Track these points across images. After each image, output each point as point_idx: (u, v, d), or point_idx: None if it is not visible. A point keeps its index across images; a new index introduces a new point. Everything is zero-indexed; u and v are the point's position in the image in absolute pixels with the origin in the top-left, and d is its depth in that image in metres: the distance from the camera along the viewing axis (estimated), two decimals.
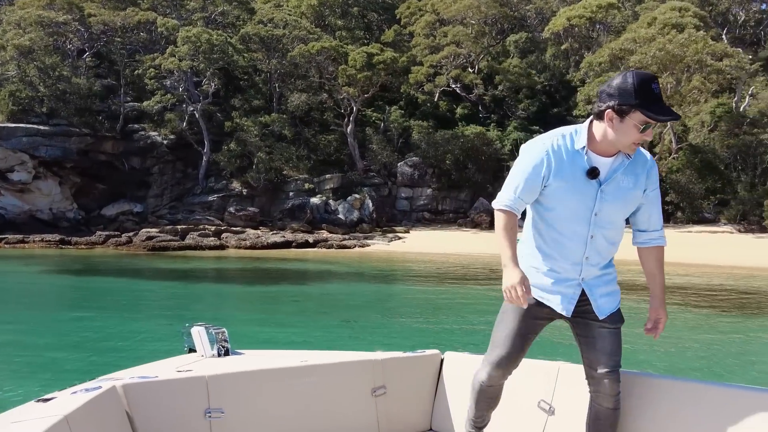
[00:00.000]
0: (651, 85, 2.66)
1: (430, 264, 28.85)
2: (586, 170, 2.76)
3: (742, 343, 12.06)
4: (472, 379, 3.07)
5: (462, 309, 16.26)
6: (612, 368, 2.73)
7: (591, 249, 2.83)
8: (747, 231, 36.05)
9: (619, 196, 2.79)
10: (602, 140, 2.76)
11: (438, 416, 3.59)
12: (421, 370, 3.64)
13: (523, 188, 2.84)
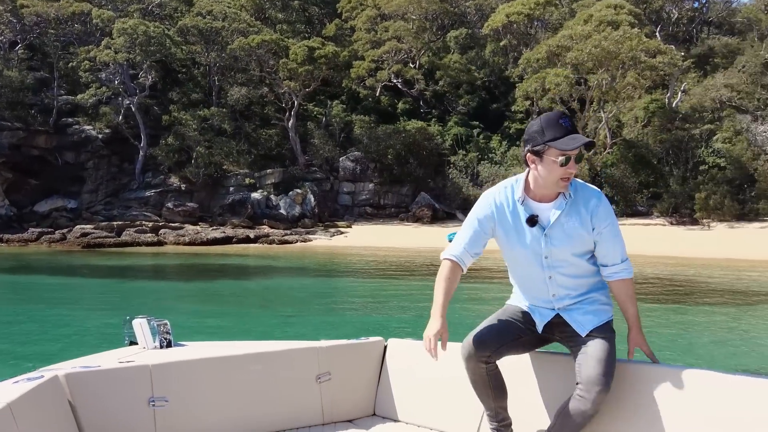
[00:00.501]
0: (559, 120, 2.79)
1: (372, 258, 28.93)
2: (526, 219, 2.87)
3: (678, 327, 12.48)
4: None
5: (404, 300, 16.37)
6: (598, 376, 2.69)
7: (554, 287, 2.93)
8: (678, 223, 37.24)
9: (565, 238, 2.86)
10: (535, 185, 2.88)
11: (381, 401, 3.63)
12: (364, 356, 3.67)
13: (470, 240, 2.98)
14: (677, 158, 40.37)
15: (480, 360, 2.89)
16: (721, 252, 28.76)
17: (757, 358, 10.09)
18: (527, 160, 2.89)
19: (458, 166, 44.68)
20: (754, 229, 34.70)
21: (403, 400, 3.56)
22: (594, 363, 2.72)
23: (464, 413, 3.29)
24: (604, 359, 2.74)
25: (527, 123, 46.61)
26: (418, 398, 3.50)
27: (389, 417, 3.58)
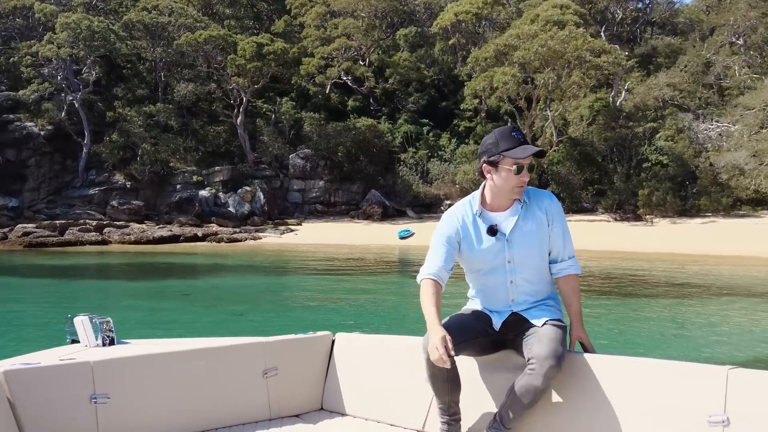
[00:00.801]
0: (511, 133, 3.02)
1: (322, 255, 28.86)
2: (487, 229, 3.05)
3: (623, 318, 12.78)
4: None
5: (355, 296, 16.39)
6: (549, 353, 2.79)
7: (514, 293, 3.09)
8: (622, 219, 38.09)
9: (525, 242, 3.05)
10: (492, 196, 3.09)
11: (329, 396, 3.64)
12: (312, 351, 3.67)
13: (443, 259, 3.07)
14: (621, 156, 41.26)
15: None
16: (663, 247, 29.52)
17: (695, 345, 10.40)
18: (483, 171, 3.08)
19: (408, 163, 44.86)
20: (696, 225, 35.69)
21: (350, 394, 3.56)
22: (546, 341, 2.86)
23: (411, 407, 3.31)
24: (557, 340, 2.88)
25: (476, 121, 47.22)
26: (365, 392, 3.51)
27: (337, 411, 3.58)
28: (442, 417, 3.07)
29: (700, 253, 28.21)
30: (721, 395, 2.50)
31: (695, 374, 2.60)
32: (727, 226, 34.52)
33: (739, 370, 2.53)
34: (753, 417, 2.41)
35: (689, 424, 2.53)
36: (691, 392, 2.57)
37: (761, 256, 26.89)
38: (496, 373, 3.11)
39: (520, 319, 3.07)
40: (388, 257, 28.73)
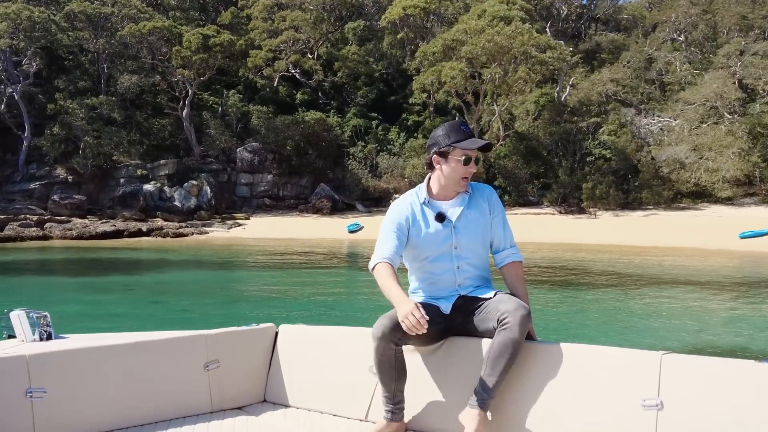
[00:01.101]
0: (460, 126, 3.18)
1: (271, 249, 28.66)
2: (435, 216, 3.17)
3: (568, 308, 13.02)
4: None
5: (302, 290, 16.34)
6: (518, 305, 2.92)
7: (461, 277, 3.20)
8: (567, 212, 38.78)
9: (470, 229, 3.19)
10: (439, 187, 3.22)
11: (272, 387, 3.62)
12: (255, 343, 3.64)
13: (393, 243, 3.15)
14: (566, 150, 41.96)
15: (391, 341, 2.98)
16: (606, 239, 30.18)
17: (634, 333, 10.66)
18: (433, 162, 3.21)
19: (357, 157, 44.83)
20: (638, 218, 36.56)
21: (294, 386, 3.55)
22: (508, 299, 3.02)
23: (354, 397, 3.32)
24: (518, 300, 3.02)
25: (424, 115, 47.40)
26: (309, 383, 3.51)
27: (280, 403, 3.57)
28: (387, 405, 3.10)
29: (641, 244, 28.93)
30: (654, 379, 2.57)
31: (630, 359, 2.67)
32: (668, 218, 35.46)
33: (672, 355, 2.60)
34: (685, 400, 2.49)
35: (625, 408, 2.60)
36: (627, 377, 2.64)
37: (701, 248, 27.71)
38: (441, 361, 3.14)
39: (468, 300, 3.16)
40: (337, 251, 28.71)
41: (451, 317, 3.15)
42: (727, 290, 16.29)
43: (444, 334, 3.18)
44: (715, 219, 34.29)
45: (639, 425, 2.56)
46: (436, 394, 3.11)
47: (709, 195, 37.77)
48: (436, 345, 3.18)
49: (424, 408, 3.12)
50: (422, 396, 3.13)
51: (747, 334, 10.77)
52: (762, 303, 14.20)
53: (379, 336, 2.96)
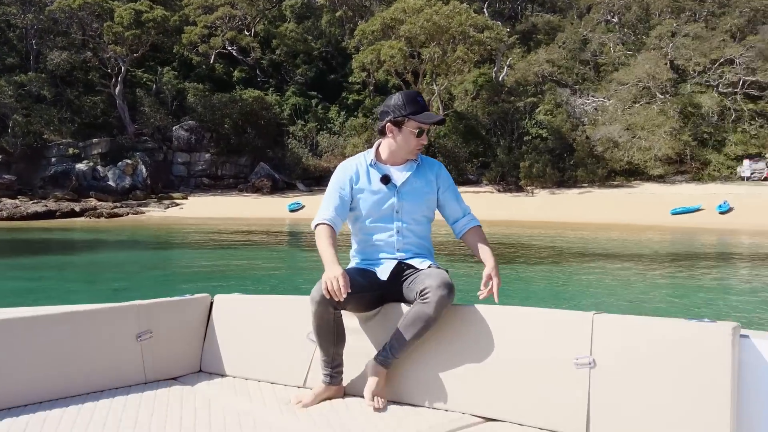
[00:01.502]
0: (416, 98, 3.19)
1: (210, 229, 28.26)
2: (380, 178, 3.20)
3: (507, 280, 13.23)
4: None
5: (243, 269, 16.16)
6: (441, 282, 2.91)
7: (400, 242, 3.21)
8: (505, 191, 39.36)
9: (414, 195, 3.22)
10: (389, 153, 3.24)
11: (208, 357, 3.56)
12: (189, 313, 3.57)
13: (337, 206, 3.20)
14: (504, 129, 42.50)
15: (330, 305, 2.97)
16: (543, 216, 30.76)
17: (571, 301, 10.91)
18: (386, 130, 3.21)
19: (297, 136, 44.46)
20: (573, 195, 37.36)
21: (230, 355, 3.51)
22: (436, 275, 2.99)
23: (292, 364, 3.30)
24: (445, 275, 3.01)
25: (364, 94, 47.24)
26: (245, 353, 3.47)
27: (216, 372, 3.52)
28: (325, 369, 3.10)
29: (577, 221, 29.59)
30: (587, 339, 2.62)
31: (564, 320, 2.71)
32: (602, 196, 36.34)
33: (603, 315, 2.65)
34: (616, 357, 2.54)
35: (559, 367, 2.65)
36: (560, 337, 2.68)
37: (634, 224, 28.50)
38: (379, 327, 3.14)
39: (405, 267, 3.18)
40: (279, 230, 28.49)
41: (388, 284, 3.14)
42: (659, 262, 16.80)
43: (381, 301, 3.18)
44: (647, 196, 35.31)
45: (572, 383, 2.61)
46: None
47: (642, 173, 38.85)
48: (374, 311, 3.17)
49: (362, 373, 3.12)
50: (360, 361, 3.13)
51: (678, 300, 11.14)
52: (693, 271, 14.70)
53: (317, 300, 2.95)
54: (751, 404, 2.35)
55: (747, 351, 2.38)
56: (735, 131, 39.63)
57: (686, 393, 2.38)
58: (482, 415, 2.82)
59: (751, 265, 16.62)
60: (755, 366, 2.36)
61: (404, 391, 3.02)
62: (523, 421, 2.73)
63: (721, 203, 31.39)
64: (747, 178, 37.59)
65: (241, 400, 3.10)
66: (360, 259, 3.30)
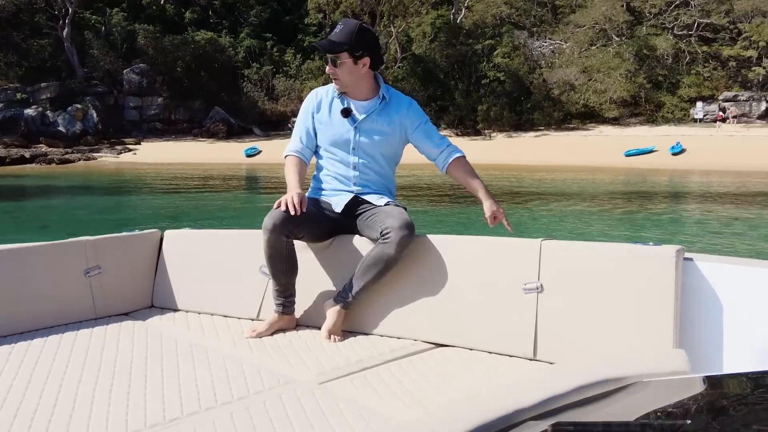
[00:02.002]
0: (336, 25, 3.13)
1: (164, 175, 27.83)
2: (341, 110, 3.15)
3: (463, 219, 13.39)
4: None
5: (199, 214, 16.03)
6: (403, 223, 2.88)
7: (357, 177, 3.17)
8: (463, 134, 39.43)
9: (372, 134, 3.14)
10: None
11: (159, 292, 3.54)
12: (138, 248, 3.53)
13: (305, 136, 3.20)
14: (462, 73, 42.31)
15: (282, 233, 2.96)
16: (501, 159, 30.98)
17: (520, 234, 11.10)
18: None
19: (252, 79, 43.68)
20: (530, 138, 37.61)
21: (182, 290, 3.49)
22: (397, 214, 2.97)
23: (245, 297, 3.30)
24: (405, 214, 2.99)
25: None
26: (197, 287, 3.45)
27: (168, 307, 3.50)
28: (278, 299, 3.10)
29: (533, 163, 29.87)
30: (535, 264, 2.66)
31: (513, 247, 2.75)
32: (558, 138, 36.67)
33: (551, 241, 2.69)
34: (562, 281, 2.59)
35: (508, 292, 2.70)
36: (510, 263, 2.72)
37: (589, 166, 28.90)
38: (331, 258, 3.16)
39: (361, 202, 3.16)
40: (235, 175, 28.19)
41: (342, 216, 3.14)
42: (611, 200, 17.12)
43: (334, 232, 3.18)
44: (602, 138, 35.74)
45: (520, 307, 2.66)
46: (326, 290, 3.13)
47: (597, 116, 39.22)
48: (327, 242, 3.17)
49: (314, 303, 3.13)
50: (313, 292, 3.15)
51: (627, 232, 11.41)
52: (643, 207, 15.04)
53: (269, 228, 2.94)
54: (695, 324, 2.42)
55: (691, 273, 2.43)
56: (689, 74, 40.10)
57: (631, 314, 2.44)
58: (434, 341, 2.87)
59: (699, 201, 17.06)
60: (699, 288, 2.42)
61: (357, 321, 3.05)
62: (474, 345, 2.78)
63: (673, 144, 31.96)
64: (700, 120, 38.22)
65: (193, 333, 3.10)
66: (316, 187, 3.28)
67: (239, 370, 2.56)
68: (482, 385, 2.40)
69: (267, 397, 2.30)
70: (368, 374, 2.52)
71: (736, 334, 2.35)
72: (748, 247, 10.59)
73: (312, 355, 2.72)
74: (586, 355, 2.48)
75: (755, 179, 23.74)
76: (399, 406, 2.22)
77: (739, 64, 39.83)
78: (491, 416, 1.43)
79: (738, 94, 39.29)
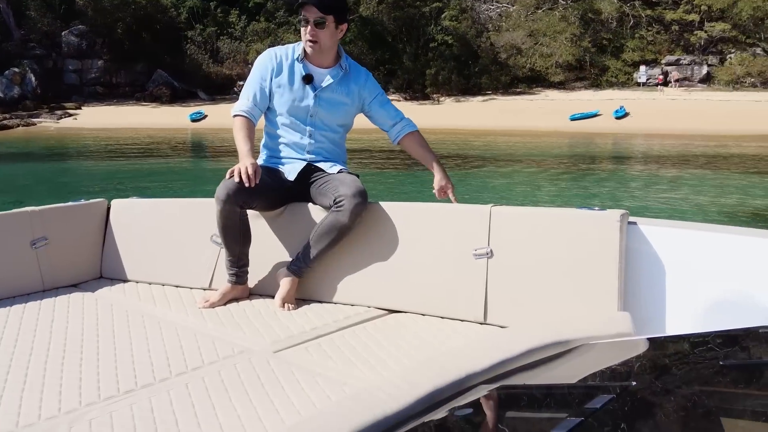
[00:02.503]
0: None
1: (107, 140, 27.18)
2: (302, 76, 3.09)
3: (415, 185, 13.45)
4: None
5: (145, 181, 15.76)
6: (356, 191, 2.89)
7: (311, 144, 3.15)
8: (412, 99, 39.36)
9: (331, 104, 3.12)
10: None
11: (108, 263, 3.49)
12: (85, 218, 3.47)
13: (254, 94, 3.11)
14: (410, 36, 42.08)
15: (236, 203, 2.93)
16: (450, 123, 31.09)
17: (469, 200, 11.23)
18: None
19: (196, 41, 42.70)
20: (478, 102, 37.79)
21: (131, 261, 3.45)
22: (350, 181, 2.98)
23: (196, 267, 3.28)
24: (358, 181, 3.00)
25: None
26: (147, 257, 3.41)
27: (117, 278, 3.46)
28: (231, 269, 3.09)
29: (481, 128, 30.08)
30: (485, 230, 2.71)
31: (464, 213, 2.79)
32: (505, 103, 36.92)
33: (500, 207, 2.74)
34: (511, 246, 2.65)
35: (459, 258, 2.75)
36: (461, 230, 2.77)
37: (535, 130, 29.23)
38: (284, 226, 3.16)
39: (314, 170, 3.15)
40: (181, 140, 27.68)
41: (295, 184, 3.13)
42: (559, 164, 17.41)
43: (287, 200, 3.17)
44: (548, 102, 36.13)
45: (471, 272, 2.72)
46: (279, 259, 3.13)
47: (543, 80, 39.55)
48: (279, 210, 3.17)
49: (268, 272, 3.14)
50: (266, 261, 3.15)
51: (575, 195, 11.65)
52: (587, 170, 15.33)
53: (223, 198, 2.91)
54: (639, 287, 2.51)
55: (635, 237, 2.51)
56: (632, 37, 40.65)
57: (578, 278, 2.51)
58: (387, 308, 2.91)
59: (642, 163, 17.47)
60: (642, 251, 2.51)
61: (311, 289, 3.07)
62: (426, 311, 2.83)
63: (617, 108, 32.51)
64: (643, 84, 38.90)
65: (145, 303, 3.08)
66: (268, 155, 3.24)
67: (193, 341, 2.56)
68: (435, 349, 2.46)
69: (222, 366, 2.31)
70: (322, 341, 2.55)
71: (678, 296, 2.45)
72: (689, 207, 10.94)
73: (266, 324, 2.73)
74: (535, 319, 2.56)
75: (696, 142, 24.38)
76: (354, 372, 2.26)
77: (682, 28, 40.53)
78: (443, 381, 1.47)
79: (680, 58, 40.06)
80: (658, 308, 2.48)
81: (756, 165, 17.32)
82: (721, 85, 37.87)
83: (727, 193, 12.48)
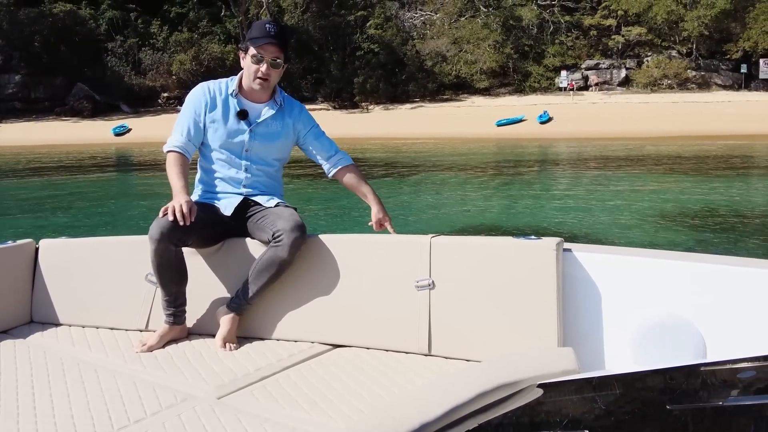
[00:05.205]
0: (264, 25, 3.05)
1: (27, 158, 26.24)
2: (237, 112, 3.08)
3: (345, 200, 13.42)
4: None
5: (68, 201, 15.24)
6: (294, 225, 2.87)
7: (247, 179, 3.13)
8: (341, 107, 39.38)
9: (267, 138, 3.12)
10: (245, 83, 3.11)
11: (39, 307, 3.37)
12: (12, 261, 3.34)
13: (188, 129, 3.08)
14: (336, 44, 42.13)
15: (171, 242, 2.87)
16: (379, 132, 31.23)
17: (409, 219, 11.32)
18: (240, 56, 3.14)
19: (117, 53, 41.69)
20: (406, 110, 38.09)
21: (63, 303, 3.33)
22: (288, 215, 2.96)
23: (132, 308, 3.20)
24: (296, 215, 2.99)
25: (188, 6, 44.91)
26: (80, 299, 3.30)
27: (49, 322, 3.34)
28: (168, 309, 3.02)
29: (410, 136, 30.32)
30: (426, 261, 2.74)
31: (405, 244, 2.82)
32: (432, 110, 37.35)
33: (440, 237, 2.77)
34: (452, 277, 2.69)
35: (401, 290, 2.76)
36: (402, 261, 2.79)
37: (462, 136, 29.64)
38: (221, 263, 3.11)
39: (250, 204, 3.13)
40: (105, 156, 26.95)
41: (232, 219, 3.09)
42: (487, 172, 17.68)
43: (224, 236, 3.13)
44: (474, 109, 36.72)
45: (414, 304, 2.74)
46: (217, 296, 3.09)
47: (469, 86, 40.20)
48: (216, 246, 3.13)
49: (207, 311, 3.08)
50: (204, 299, 3.09)
51: (507, 211, 11.84)
52: (518, 175, 15.63)
53: (157, 238, 2.85)
54: (577, 312, 2.58)
55: (570, 263, 2.58)
56: (553, 43, 41.71)
57: (518, 306, 2.57)
58: (331, 342, 2.90)
59: (567, 167, 17.91)
60: (578, 277, 2.58)
61: (252, 326, 3.03)
62: (370, 344, 2.84)
63: (541, 113, 33.29)
64: (564, 89, 39.96)
65: (79, 348, 2.99)
66: (203, 190, 3.20)
67: (132, 389, 2.49)
68: (380, 384, 2.46)
69: (165, 417, 2.25)
70: (268, 383, 2.53)
71: (614, 322, 2.53)
72: (607, 207, 11.29)
73: (208, 367, 2.68)
74: (479, 353, 2.60)
75: (616, 144, 25.18)
76: (301, 416, 2.24)
77: (600, 32, 41.84)
78: None
79: (599, 62, 41.34)
80: (596, 335, 2.55)
81: (672, 167, 18.01)
82: (639, 87, 39.26)
83: (642, 195, 12.93)
